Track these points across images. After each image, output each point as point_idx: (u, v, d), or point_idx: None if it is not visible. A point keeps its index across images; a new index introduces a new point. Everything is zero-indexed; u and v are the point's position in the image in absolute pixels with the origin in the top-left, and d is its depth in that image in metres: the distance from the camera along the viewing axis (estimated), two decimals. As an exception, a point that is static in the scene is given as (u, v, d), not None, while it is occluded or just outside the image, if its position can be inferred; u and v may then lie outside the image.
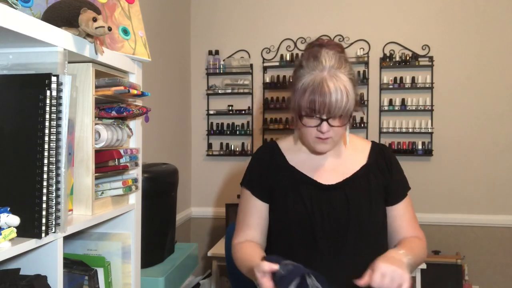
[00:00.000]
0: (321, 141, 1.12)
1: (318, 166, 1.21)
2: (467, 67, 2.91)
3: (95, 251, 1.19)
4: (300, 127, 1.15)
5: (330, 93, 1.04)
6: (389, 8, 3.00)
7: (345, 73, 1.08)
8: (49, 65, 0.83)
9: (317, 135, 1.11)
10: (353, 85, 1.09)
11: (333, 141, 1.13)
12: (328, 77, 1.06)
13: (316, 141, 1.13)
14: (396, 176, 1.22)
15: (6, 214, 0.75)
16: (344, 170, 1.20)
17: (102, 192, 1.10)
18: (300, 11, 3.11)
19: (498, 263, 2.88)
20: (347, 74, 1.08)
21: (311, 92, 1.06)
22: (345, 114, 1.08)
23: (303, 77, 1.09)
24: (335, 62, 1.08)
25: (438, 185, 2.94)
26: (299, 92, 1.09)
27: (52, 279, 0.85)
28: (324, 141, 1.12)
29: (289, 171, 1.21)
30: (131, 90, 1.07)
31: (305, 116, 1.10)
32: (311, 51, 1.14)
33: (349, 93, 1.07)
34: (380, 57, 2.99)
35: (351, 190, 1.16)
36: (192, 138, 3.29)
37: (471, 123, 2.91)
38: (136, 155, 1.19)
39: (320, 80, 1.06)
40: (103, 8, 1.10)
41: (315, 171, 1.20)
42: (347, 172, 1.19)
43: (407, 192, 1.24)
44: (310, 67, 1.09)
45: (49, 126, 0.79)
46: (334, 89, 1.05)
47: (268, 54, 3.15)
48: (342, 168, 1.20)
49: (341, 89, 1.05)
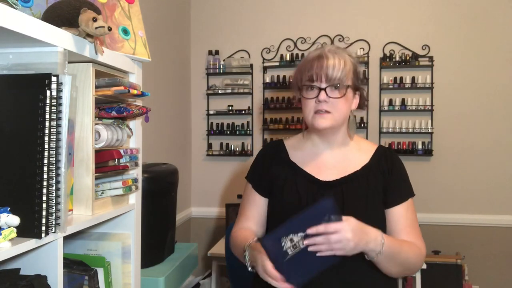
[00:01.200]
0: (320, 115, 1.13)
1: (319, 163, 1.23)
2: (467, 67, 2.91)
3: (95, 251, 1.19)
4: (302, 103, 1.19)
5: (328, 57, 1.14)
6: (389, 8, 3.00)
7: (346, 53, 1.18)
8: (49, 65, 0.83)
9: (316, 108, 1.14)
10: (354, 62, 1.18)
11: (333, 118, 1.14)
12: (327, 50, 1.17)
13: (315, 117, 1.15)
14: (397, 177, 1.21)
15: (6, 214, 0.75)
16: (344, 169, 1.21)
17: (102, 192, 1.10)
18: (300, 11, 3.11)
19: (498, 263, 2.88)
20: (348, 54, 1.18)
21: (311, 60, 1.16)
22: (344, 84, 1.13)
23: (305, 57, 1.21)
24: (337, 48, 1.19)
25: (438, 185, 2.94)
26: (301, 64, 1.19)
27: (52, 279, 0.85)
28: (323, 115, 1.13)
29: (290, 166, 1.25)
30: (131, 90, 1.07)
31: (304, 87, 1.16)
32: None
33: (347, 62, 1.15)
34: (380, 57, 2.99)
35: (348, 188, 1.17)
36: (192, 138, 3.29)
37: (471, 123, 2.91)
38: (136, 155, 1.19)
39: (321, 52, 1.17)
40: (103, 8, 1.10)
41: (315, 168, 1.22)
42: (347, 170, 1.20)
43: (409, 198, 1.22)
44: (312, 52, 1.21)
45: (49, 126, 0.79)
46: (332, 56, 1.14)
47: (268, 54, 3.15)
48: (343, 167, 1.21)
49: (339, 57, 1.14)
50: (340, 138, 1.23)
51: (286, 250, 1.00)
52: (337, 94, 1.13)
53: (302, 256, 1.01)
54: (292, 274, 1.01)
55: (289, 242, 1.00)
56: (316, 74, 1.13)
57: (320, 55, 1.15)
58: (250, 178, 1.32)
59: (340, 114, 1.15)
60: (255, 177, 1.30)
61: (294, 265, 1.01)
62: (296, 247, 1.00)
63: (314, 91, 1.14)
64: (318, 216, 0.99)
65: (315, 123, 1.15)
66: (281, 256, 1.01)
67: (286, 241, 1.00)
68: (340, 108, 1.14)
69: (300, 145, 1.28)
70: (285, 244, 1.00)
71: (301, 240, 0.99)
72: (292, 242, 1.00)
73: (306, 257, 1.01)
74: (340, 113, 1.15)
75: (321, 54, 1.15)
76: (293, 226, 1.00)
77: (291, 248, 1.00)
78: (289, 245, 1.00)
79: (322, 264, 1.02)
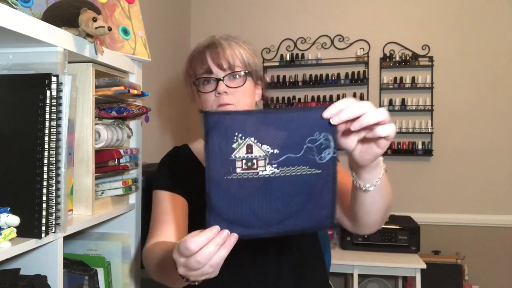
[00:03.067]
0: (222, 109, 1.01)
1: None
2: (467, 67, 2.91)
3: (95, 251, 1.19)
4: (200, 100, 1.06)
5: (221, 45, 1.03)
6: (389, 8, 2.99)
7: (241, 40, 1.07)
8: (49, 65, 0.83)
9: (217, 102, 1.01)
10: (251, 48, 1.08)
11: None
12: (219, 37, 1.06)
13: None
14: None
15: (6, 214, 0.75)
16: None
17: (102, 192, 1.10)
18: (300, 11, 3.11)
19: (498, 263, 2.88)
20: (243, 41, 1.08)
21: (202, 50, 1.04)
22: (242, 71, 1.02)
23: (194, 48, 1.07)
24: (228, 35, 1.08)
25: (438, 185, 2.94)
26: (191, 57, 1.06)
27: (52, 279, 0.85)
28: (225, 109, 1.01)
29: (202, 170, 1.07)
30: (131, 90, 1.07)
31: (200, 81, 1.03)
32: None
33: (243, 48, 1.05)
34: (380, 57, 2.99)
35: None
36: (192, 138, 3.28)
37: (471, 123, 2.91)
38: (136, 155, 1.19)
39: (212, 40, 1.05)
40: (103, 8, 1.10)
41: None
42: None
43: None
44: (201, 42, 1.07)
45: (49, 126, 0.79)
46: (227, 43, 1.03)
47: (268, 54, 3.15)
48: None
49: (234, 44, 1.04)
50: None
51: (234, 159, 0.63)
52: (237, 83, 1.02)
53: (268, 188, 0.64)
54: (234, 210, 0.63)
55: (244, 148, 0.63)
56: (211, 65, 1.01)
57: (212, 43, 1.04)
58: (162, 184, 1.07)
59: (244, 105, 1.03)
60: (167, 181, 1.07)
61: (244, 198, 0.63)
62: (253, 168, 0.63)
63: (211, 84, 1.02)
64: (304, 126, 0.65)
65: None
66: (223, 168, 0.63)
67: (241, 145, 0.63)
68: (242, 99, 1.03)
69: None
70: (239, 150, 0.63)
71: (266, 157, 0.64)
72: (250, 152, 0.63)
73: (276, 191, 0.64)
74: (243, 104, 1.03)
75: (213, 42, 1.04)
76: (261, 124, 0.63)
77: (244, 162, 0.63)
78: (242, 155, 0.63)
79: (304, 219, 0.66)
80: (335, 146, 0.66)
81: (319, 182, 0.66)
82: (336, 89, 3.02)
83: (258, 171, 0.63)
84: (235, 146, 0.63)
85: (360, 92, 2.99)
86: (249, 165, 0.63)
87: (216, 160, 0.63)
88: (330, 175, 0.67)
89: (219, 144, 0.62)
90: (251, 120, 0.63)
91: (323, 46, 3.07)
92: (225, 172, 0.63)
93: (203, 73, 1.03)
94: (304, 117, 0.65)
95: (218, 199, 0.63)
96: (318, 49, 3.08)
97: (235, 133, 0.63)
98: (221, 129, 0.62)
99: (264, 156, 0.63)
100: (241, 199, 0.63)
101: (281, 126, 0.64)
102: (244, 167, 0.63)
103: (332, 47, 3.06)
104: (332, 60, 3.02)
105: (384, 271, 2.47)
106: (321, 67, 3.04)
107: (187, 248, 0.60)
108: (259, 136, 0.63)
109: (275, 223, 0.65)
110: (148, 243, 0.97)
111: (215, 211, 0.63)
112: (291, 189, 0.65)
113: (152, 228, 1.02)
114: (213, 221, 0.63)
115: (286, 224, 0.65)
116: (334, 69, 3.02)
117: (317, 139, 0.65)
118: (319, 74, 3.02)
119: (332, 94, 3.00)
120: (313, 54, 3.06)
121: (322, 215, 0.67)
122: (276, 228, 0.65)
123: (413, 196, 2.94)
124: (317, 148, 0.65)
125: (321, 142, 0.65)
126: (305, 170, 0.66)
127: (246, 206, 0.63)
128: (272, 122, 0.64)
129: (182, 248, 0.61)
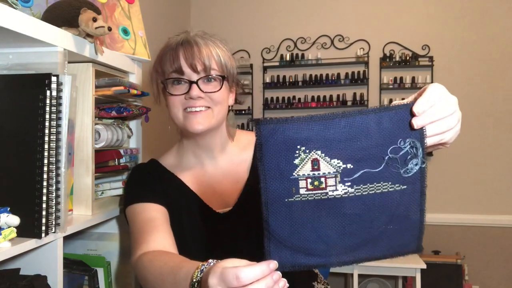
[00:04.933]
0: (193, 114, 0.91)
1: (209, 183, 1.00)
2: (467, 67, 2.91)
3: (95, 251, 1.19)
4: (167, 102, 0.96)
5: (197, 43, 0.91)
6: (389, 8, 2.99)
7: (217, 39, 0.97)
8: (49, 65, 0.83)
9: (187, 104, 0.91)
10: (228, 49, 0.97)
11: (207, 117, 0.92)
12: (194, 34, 0.94)
13: (187, 116, 0.92)
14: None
15: (6, 214, 0.75)
16: (236, 179, 1.00)
17: (102, 192, 1.10)
18: (300, 11, 3.11)
19: (498, 263, 2.88)
20: (219, 40, 0.97)
21: (175, 47, 0.92)
22: (219, 74, 0.93)
23: (166, 44, 0.96)
24: (204, 33, 0.97)
25: (438, 185, 2.94)
26: (162, 54, 0.95)
27: (52, 279, 0.85)
28: (196, 115, 0.91)
29: (180, 190, 0.99)
30: (131, 90, 1.07)
31: (170, 82, 0.92)
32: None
33: (221, 48, 0.94)
34: (380, 57, 2.99)
35: (248, 212, 0.91)
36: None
37: (471, 123, 2.91)
38: (136, 155, 1.19)
39: (186, 37, 0.93)
40: (103, 8, 1.10)
41: (207, 191, 0.99)
42: (240, 181, 0.99)
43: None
44: (173, 38, 0.96)
45: (49, 126, 0.79)
46: (203, 41, 0.92)
47: (268, 54, 3.15)
48: (233, 178, 1.00)
49: (211, 43, 0.93)
50: (220, 141, 1.00)
51: (297, 178, 0.51)
52: (212, 87, 0.92)
53: (336, 211, 0.52)
54: (298, 237, 0.53)
55: (309, 164, 0.51)
56: (183, 65, 0.90)
57: (186, 40, 0.92)
58: (135, 198, 0.96)
59: (218, 112, 0.93)
60: (141, 194, 0.97)
61: (308, 222, 0.53)
62: (321, 187, 0.51)
63: (182, 86, 0.92)
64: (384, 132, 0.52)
65: (189, 125, 0.91)
66: (283, 188, 0.52)
67: (304, 160, 0.52)
68: (216, 105, 0.93)
69: (182, 162, 1.03)
70: (302, 167, 0.51)
71: (337, 174, 0.51)
72: (316, 169, 0.51)
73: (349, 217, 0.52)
74: (217, 111, 0.93)
75: (187, 40, 0.92)
76: (329, 133, 0.51)
77: (310, 181, 0.51)
78: (307, 172, 0.51)
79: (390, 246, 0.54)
80: (423, 154, 0.54)
81: (404, 201, 0.54)
82: (336, 89, 3.02)
83: (327, 191, 0.52)
84: (297, 162, 0.51)
85: (360, 92, 2.99)
86: (315, 185, 0.52)
87: (274, 180, 0.52)
88: (417, 191, 0.55)
89: (277, 161, 0.52)
90: (315, 128, 0.51)
91: (323, 46, 3.07)
92: (286, 193, 0.52)
93: (173, 72, 0.92)
94: (383, 120, 0.52)
95: (278, 225, 0.53)
96: (318, 49, 3.08)
97: (296, 146, 0.51)
98: (278, 141, 0.52)
99: (334, 173, 0.52)
100: (306, 224, 0.53)
101: (354, 133, 0.52)
102: (309, 187, 0.52)
103: (332, 47, 3.06)
104: (332, 60, 3.03)
105: (384, 271, 2.47)
106: (321, 67, 3.04)
107: (238, 277, 0.50)
108: (327, 148, 0.51)
109: (348, 251, 0.54)
110: (137, 254, 0.84)
111: (275, 238, 0.53)
112: (369, 211, 0.53)
113: (136, 240, 0.88)
114: (273, 249, 0.53)
115: (363, 251, 0.54)
116: (334, 69, 3.02)
117: (402, 148, 0.53)
118: (319, 74, 3.02)
119: (332, 94, 3.00)
120: (313, 54, 3.06)
121: (406, 239, 0.55)
122: (350, 256, 0.54)
123: (413, 196, 2.94)
124: (401, 159, 0.53)
125: (407, 151, 0.53)
126: (387, 187, 0.53)
127: (312, 232, 0.53)
128: (343, 129, 0.51)
129: (230, 276, 0.51)
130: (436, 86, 0.58)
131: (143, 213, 0.92)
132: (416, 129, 0.53)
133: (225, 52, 0.95)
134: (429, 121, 0.54)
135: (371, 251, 0.55)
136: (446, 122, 0.55)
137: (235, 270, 0.51)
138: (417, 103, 0.55)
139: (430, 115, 0.55)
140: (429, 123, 0.54)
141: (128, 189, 1.03)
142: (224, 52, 0.95)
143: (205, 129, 0.92)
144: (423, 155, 0.54)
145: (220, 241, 0.95)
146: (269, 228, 0.53)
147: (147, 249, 0.83)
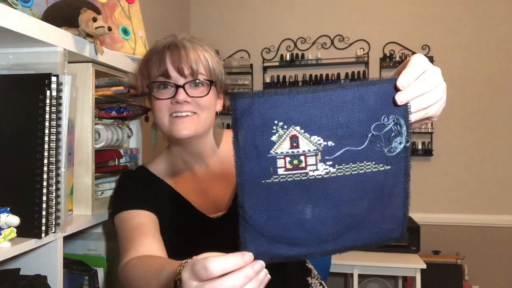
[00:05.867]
0: (179, 119, 0.89)
1: (200, 189, 0.99)
2: (467, 67, 2.91)
3: (95, 251, 1.19)
4: (152, 107, 0.94)
5: (185, 46, 0.90)
6: (389, 8, 2.99)
7: (205, 43, 0.95)
8: (49, 65, 0.83)
9: (173, 109, 0.89)
10: (215, 54, 0.95)
11: (193, 123, 0.90)
12: (182, 37, 0.93)
13: (173, 121, 0.89)
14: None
15: (6, 214, 0.75)
16: (227, 182, 0.98)
17: (102, 192, 1.10)
18: (300, 11, 3.11)
19: (498, 263, 2.88)
20: (207, 44, 0.95)
21: (162, 50, 0.90)
22: (207, 79, 0.91)
23: (153, 47, 0.94)
24: (192, 36, 0.95)
25: (438, 185, 2.94)
26: (148, 57, 0.93)
27: (52, 279, 0.85)
28: (183, 120, 0.89)
29: (170, 197, 0.98)
30: (131, 90, 1.07)
31: (155, 85, 0.91)
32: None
33: (210, 53, 0.93)
34: (380, 57, 2.99)
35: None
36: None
37: (471, 123, 2.91)
38: (136, 155, 1.19)
39: (174, 40, 0.92)
40: (103, 8, 1.10)
41: (199, 196, 0.98)
42: (232, 183, 0.97)
43: None
44: (160, 41, 0.94)
45: (49, 126, 0.79)
46: (191, 45, 0.91)
47: (268, 54, 3.15)
48: (225, 181, 0.98)
49: (199, 46, 0.91)
50: (209, 146, 0.99)
51: (275, 157, 0.47)
52: (200, 91, 0.90)
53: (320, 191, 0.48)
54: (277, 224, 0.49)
55: (288, 141, 0.47)
56: (170, 68, 0.89)
57: (173, 43, 0.91)
58: (123, 205, 0.94)
59: (205, 118, 0.92)
60: (129, 201, 0.95)
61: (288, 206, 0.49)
62: (300, 167, 0.48)
63: (169, 90, 0.90)
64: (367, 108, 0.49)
65: (175, 130, 0.89)
66: (260, 168, 0.48)
67: (282, 136, 0.47)
68: (203, 110, 0.91)
69: (171, 168, 1.01)
70: (280, 144, 0.47)
71: (317, 151, 0.47)
72: (295, 146, 0.47)
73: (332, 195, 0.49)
74: (204, 117, 0.91)
75: (175, 43, 0.91)
76: (308, 108, 0.47)
77: (288, 160, 0.48)
78: (285, 150, 0.47)
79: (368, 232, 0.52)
80: (408, 132, 0.50)
81: (389, 182, 0.51)
82: (336, 89, 3.02)
83: (307, 171, 0.48)
84: (274, 139, 0.47)
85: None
86: (295, 164, 0.47)
87: (249, 159, 0.47)
88: (401, 171, 0.51)
89: (252, 137, 0.47)
90: (294, 102, 0.47)
91: (323, 46, 3.07)
92: (263, 174, 0.47)
93: (159, 76, 0.90)
94: (366, 95, 0.48)
95: (254, 211, 0.48)
96: (318, 49, 3.08)
97: (274, 121, 0.47)
98: (254, 116, 0.47)
99: (315, 151, 0.48)
100: (285, 209, 0.48)
101: (335, 108, 0.47)
102: (288, 167, 0.47)
103: (332, 47, 3.06)
104: (332, 60, 3.02)
105: (384, 271, 2.47)
106: (321, 67, 3.04)
107: (206, 268, 0.45)
108: (307, 123, 0.47)
109: (331, 239, 0.50)
110: (123, 261, 0.80)
111: (252, 226, 0.48)
112: (351, 193, 0.49)
113: (124, 247, 0.85)
114: (249, 239, 0.48)
115: (346, 239, 0.51)
116: (334, 69, 3.02)
117: (385, 125, 0.49)
118: (319, 74, 3.02)
119: (332, 94, 3.00)
120: (313, 54, 3.06)
121: (390, 224, 0.53)
122: (333, 245, 0.51)
123: (413, 196, 2.89)
124: (385, 137, 0.50)
125: (390, 128, 0.49)
126: (370, 167, 0.50)
127: (292, 218, 0.48)
128: (323, 104, 0.47)
129: (198, 267, 0.46)
130: (419, 57, 0.54)
131: (132, 220, 0.90)
132: (400, 105, 0.50)
133: (213, 57, 0.94)
134: (413, 96, 0.52)
135: (354, 239, 0.52)
136: (432, 95, 0.53)
137: (203, 260, 0.46)
138: (401, 77, 0.51)
139: (414, 89, 0.52)
140: (413, 98, 0.52)
141: (117, 197, 1.01)
142: (213, 57, 0.93)
143: (192, 134, 0.90)
144: (408, 133, 0.51)
145: (214, 246, 0.94)
146: (245, 216, 0.48)
147: (135, 255, 0.79)
